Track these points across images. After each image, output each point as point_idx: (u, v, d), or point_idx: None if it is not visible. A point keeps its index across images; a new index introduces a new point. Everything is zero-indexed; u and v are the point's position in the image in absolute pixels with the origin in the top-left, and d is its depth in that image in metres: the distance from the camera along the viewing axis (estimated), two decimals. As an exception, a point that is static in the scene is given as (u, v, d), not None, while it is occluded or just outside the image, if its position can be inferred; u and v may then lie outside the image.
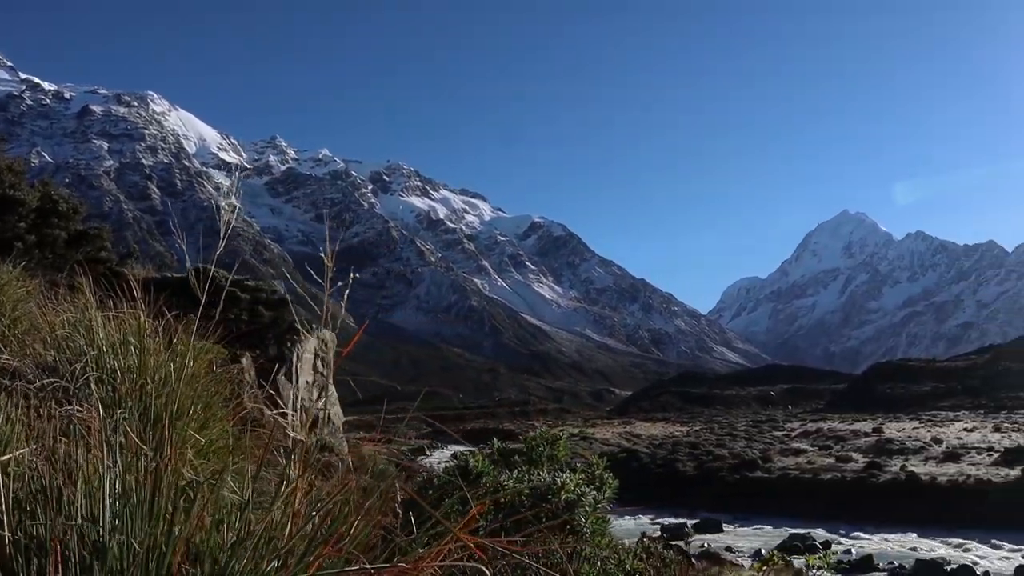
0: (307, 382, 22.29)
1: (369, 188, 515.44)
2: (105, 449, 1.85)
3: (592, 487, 5.25)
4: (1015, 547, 24.82)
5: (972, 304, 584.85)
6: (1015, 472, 31.04)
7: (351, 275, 2.26)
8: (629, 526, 30.78)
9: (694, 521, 30.66)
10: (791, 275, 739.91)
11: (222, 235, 2.63)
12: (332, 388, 25.68)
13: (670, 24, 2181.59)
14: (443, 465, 6.33)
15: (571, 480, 4.81)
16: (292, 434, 2.11)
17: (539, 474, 5.00)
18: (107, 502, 1.72)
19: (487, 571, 1.73)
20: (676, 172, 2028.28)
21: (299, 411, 2.33)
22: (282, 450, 2.22)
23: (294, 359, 22.06)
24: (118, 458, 1.87)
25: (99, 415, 2.12)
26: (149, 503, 1.73)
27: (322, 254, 2.32)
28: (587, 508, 4.66)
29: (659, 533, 27.96)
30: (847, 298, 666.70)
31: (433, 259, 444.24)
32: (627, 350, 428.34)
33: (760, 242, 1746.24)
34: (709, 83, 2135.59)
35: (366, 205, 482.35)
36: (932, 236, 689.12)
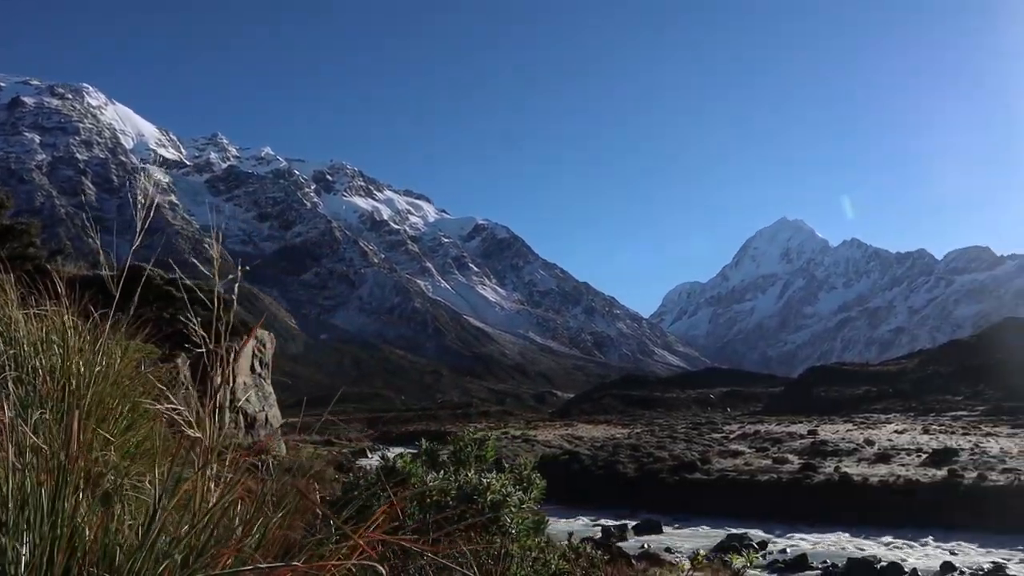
0: (244, 383, 21.93)
1: (312, 188, 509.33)
2: (11, 449, 1.77)
3: (520, 488, 5.21)
4: (940, 544, 25.57)
5: (904, 310, 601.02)
6: (942, 472, 31.97)
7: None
8: (570, 528, 30.93)
9: (634, 522, 30.91)
10: (731, 280, 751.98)
11: (139, 229, 2.55)
12: (270, 389, 25.29)
13: (614, 24, 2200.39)
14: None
15: (497, 481, 4.74)
16: (191, 433, 2.06)
17: (466, 475, 4.93)
18: (10, 504, 1.67)
19: (382, 569, 1.72)
20: (620, 176, 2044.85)
21: (236, 412, 2.26)
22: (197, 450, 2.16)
23: (231, 359, 21.70)
24: (28, 458, 1.79)
25: (5, 414, 2.03)
26: (51, 503, 1.67)
27: (264, 253, 2.23)
28: (512, 508, 4.63)
29: (599, 534, 28.13)
30: (785, 303, 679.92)
31: (376, 260, 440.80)
32: (570, 353, 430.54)
33: (702, 247, 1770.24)
34: (651, 86, 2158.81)
35: (309, 205, 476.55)
36: (867, 244, 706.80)
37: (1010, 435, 42.94)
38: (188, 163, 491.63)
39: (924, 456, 36.09)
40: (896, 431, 47.71)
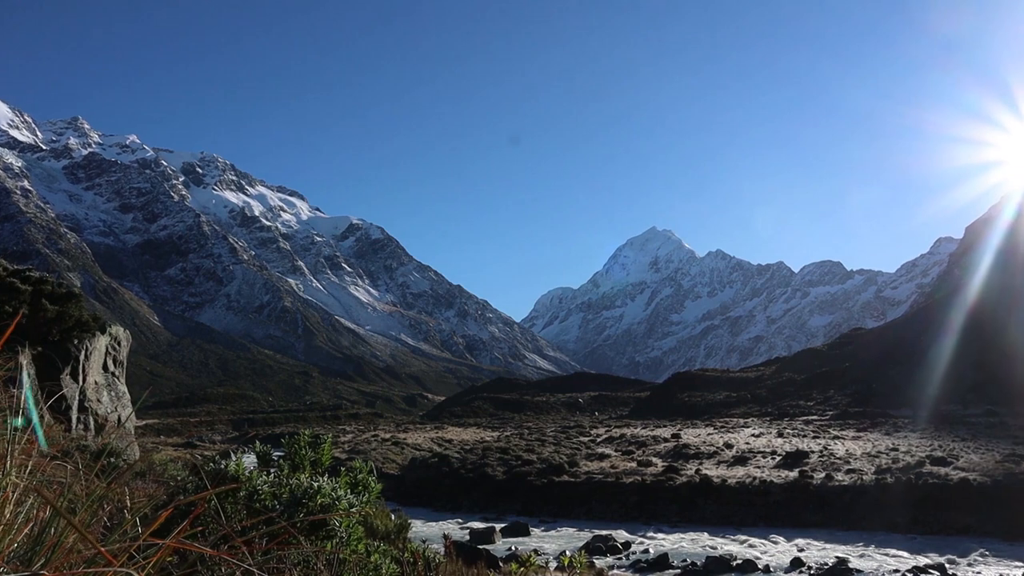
0: (95, 382, 20.78)
1: (180, 180, 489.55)
2: None
3: (355, 492, 5.09)
4: (790, 542, 26.89)
5: (763, 319, 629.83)
6: (793, 474, 33.65)
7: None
8: (438, 531, 30.85)
9: (503, 525, 31.09)
10: (602, 287, 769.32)
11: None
12: (124, 389, 24.05)
13: (492, 20, 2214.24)
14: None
15: (328, 484, 4.64)
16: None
17: (298, 478, 4.80)
18: None
19: (134, 574, 1.69)
20: (496, 180, 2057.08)
21: (85, 413, 2.15)
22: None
23: (81, 357, 20.50)
24: None
25: None
26: None
27: (126, 246, 2.11)
28: (342, 512, 4.53)
29: (467, 537, 28.17)
30: (652, 310, 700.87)
31: (246, 257, 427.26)
32: (442, 355, 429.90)
33: (574, 253, 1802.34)
34: (527, 90, 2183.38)
35: (176, 197, 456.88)
36: (730, 255, 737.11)
37: (855, 438, 45.55)
38: (44, 147, 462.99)
39: (778, 459, 37.79)
40: (753, 435, 49.68)
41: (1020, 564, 22.71)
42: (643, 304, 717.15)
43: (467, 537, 28.21)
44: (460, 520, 33.72)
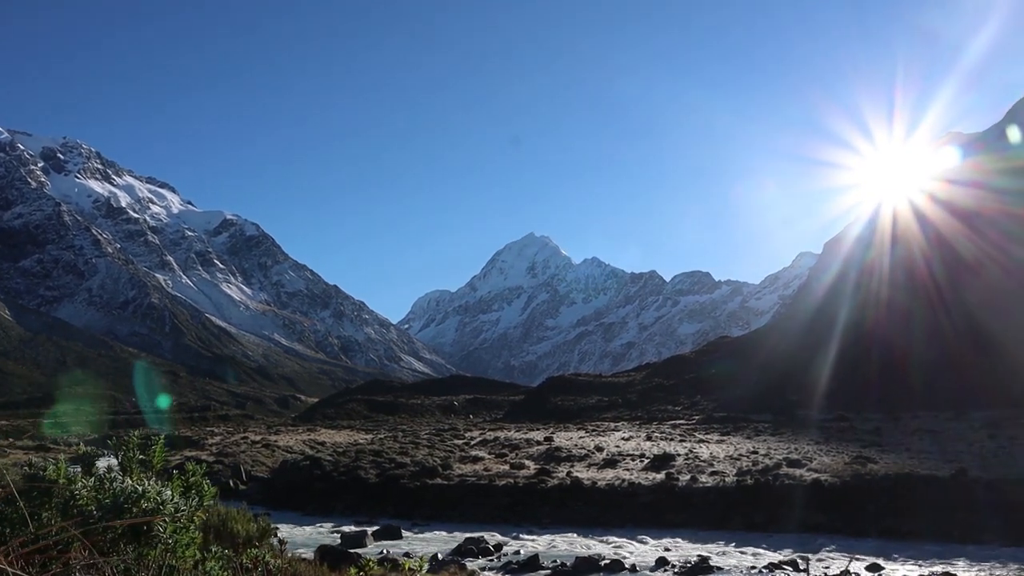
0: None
1: (39, 165, 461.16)
2: None
3: (188, 496, 4.80)
4: (657, 542, 27.80)
5: (635, 326, 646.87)
6: (660, 476, 34.79)
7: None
8: (308, 535, 30.34)
9: (375, 528, 30.85)
10: (479, 290, 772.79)
11: None
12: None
13: (373, 18, 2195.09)
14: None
15: (154, 488, 4.42)
16: None
17: (125, 481, 4.53)
18: None
19: None
20: (374, 180, 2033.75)
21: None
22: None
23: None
24: None
25: None
26: None
27: None
28: (167, 518, 4.28)
29: (339, 541, 27.84)
30: (528, 315, 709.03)
31: (111, 250, 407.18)
32: (316, 356, 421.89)
33: (452, 256, 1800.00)
34: (407, 87, 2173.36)
35: (34, 184, 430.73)
36: (606, 263, 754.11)
37: (719, 441, 47.42)
38: None
39: (646, 461, 38.93)
40: (623, 438, 50.92)
41: (862, 557, 24.31)
42: (520, 308, 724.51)
43: (338, 541, 27.89)
44: (332, 524, 33.26)
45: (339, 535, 29.41)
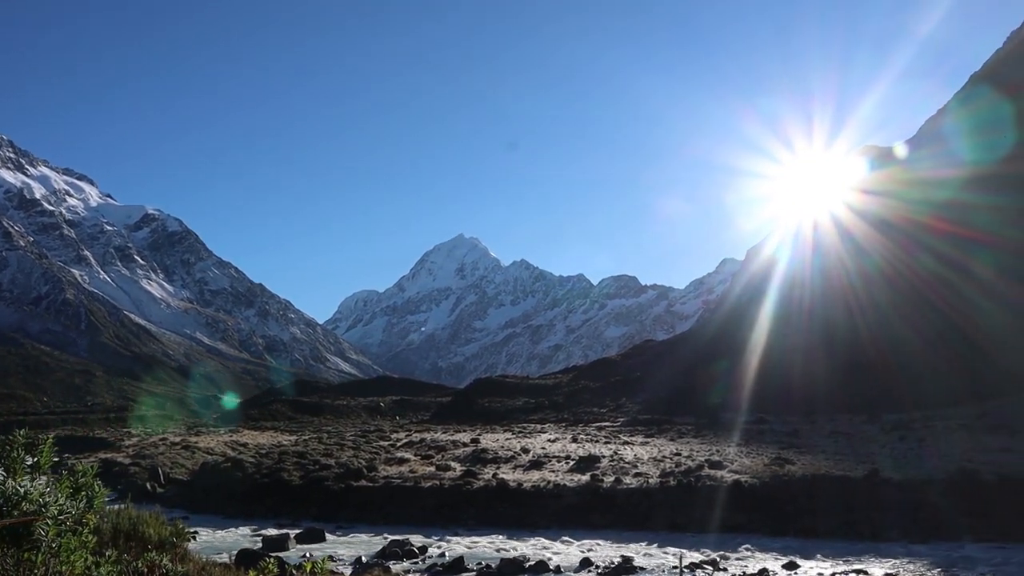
0: None
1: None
2: None
3: (77, 498, 4.59)
4: (581, 543, 28.08)
5: (562, 328, 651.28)
6: (585, 477, 35.14)
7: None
8: (228, 539, 29.76)
9: (298, 531, 30.43)
10: (407, 291, 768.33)
11: None
12: None
13: (306, 12, 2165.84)
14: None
15: (37, 489, 4.21)
16: None
17: (7, 482, 4.32)
18: None
19: None
20: (302, 177, 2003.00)
21: None
22: None
23: None
24: None
25: None
26: None
27: None
28: (48, 520, 4.08)
29: (260, 544, 27.38)
30: (456, 316, 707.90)
31: (23, 243, 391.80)
32: (240, 356, 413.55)
33: (381, 256, 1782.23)
34: (338, 85, 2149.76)
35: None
36: (534, 265, 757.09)
37: (643, 443, 48.10)
38: None
39: (572, 463, 39.26)
40: (549, 440, 51.23)
41: (780, 555, 24.99)
42: (448, 310, 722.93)
43: (260, 544, 27.42)
44: (254, 527, 32.71)
45: (261, 538, 28.92)
